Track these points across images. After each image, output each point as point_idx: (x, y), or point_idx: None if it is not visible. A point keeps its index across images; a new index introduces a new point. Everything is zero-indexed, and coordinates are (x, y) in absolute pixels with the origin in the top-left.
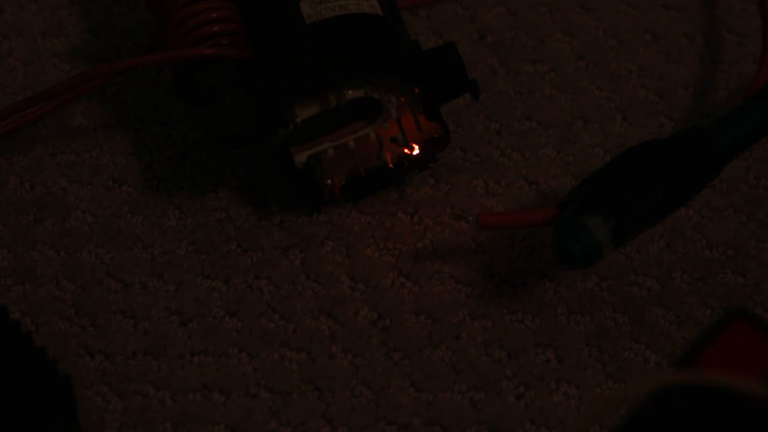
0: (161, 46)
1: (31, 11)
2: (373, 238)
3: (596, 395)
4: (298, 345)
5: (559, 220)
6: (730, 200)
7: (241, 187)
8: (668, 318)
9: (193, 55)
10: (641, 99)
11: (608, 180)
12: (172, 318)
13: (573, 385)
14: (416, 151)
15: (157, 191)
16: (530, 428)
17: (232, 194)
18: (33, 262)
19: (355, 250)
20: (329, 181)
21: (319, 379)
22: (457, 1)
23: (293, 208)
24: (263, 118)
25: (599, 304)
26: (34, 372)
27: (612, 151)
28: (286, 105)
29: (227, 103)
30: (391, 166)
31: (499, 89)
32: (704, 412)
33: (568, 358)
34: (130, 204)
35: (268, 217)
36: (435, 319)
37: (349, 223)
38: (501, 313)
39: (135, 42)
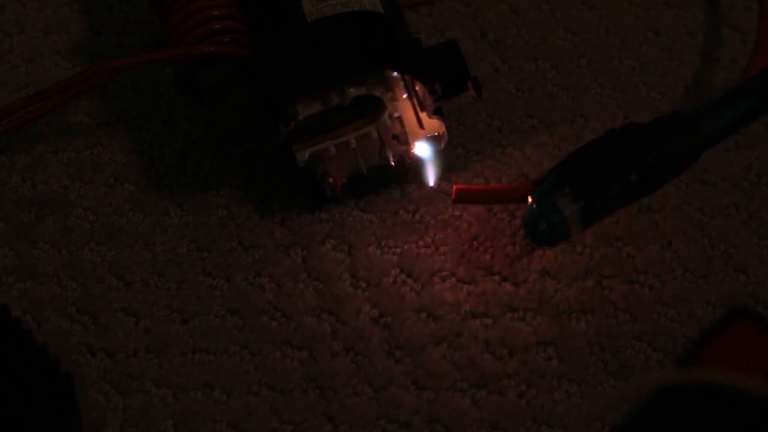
0: (163, 44)
1: (33, 8)
2: (374, 236)
3: (598, 393)
4: (300, 343)
5: (531, 197)
6: (732, 198)
7: (242, 185)
8: (670, 316)
9: (194, 53)
10: (643, 96)
11: (583, 160)
12: (173, 316)
13: (574, 383)
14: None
15: (159, 189)
16: (531, 426)
17: (233, 192)
18: (34, 260)
19: (357, 248)
20: (331, 179)
21: (321, 377)
22: None
23: (295, 206)
24: (265, 116)
25: (601, 302)
26: (35, 370)
27: None
28: (288, 103)
29: (229, 101)
30: (392, 164)
31: (501, 87)
32: (706, 410)
33: (570, 356)
34: (131, 202)
35: (269, 215)
36: (436, 317)
37: (351, 221)
38: (502, 311)
39: (137, 40)
